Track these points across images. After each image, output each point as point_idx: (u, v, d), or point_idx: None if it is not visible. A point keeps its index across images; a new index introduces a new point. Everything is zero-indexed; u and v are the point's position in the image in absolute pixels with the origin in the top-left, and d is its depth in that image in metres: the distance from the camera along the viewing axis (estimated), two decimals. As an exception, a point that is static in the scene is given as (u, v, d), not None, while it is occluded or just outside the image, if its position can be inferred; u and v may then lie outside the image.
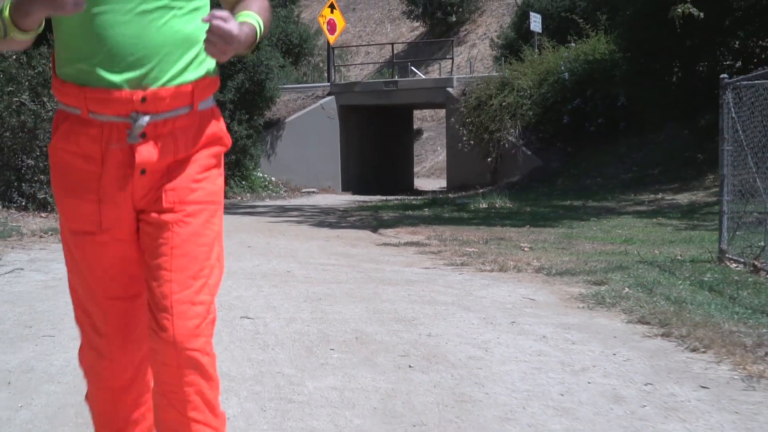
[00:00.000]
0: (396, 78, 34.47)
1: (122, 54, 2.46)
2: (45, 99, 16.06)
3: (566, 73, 26.57)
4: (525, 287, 8.44)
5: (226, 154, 23.57)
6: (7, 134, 15.97)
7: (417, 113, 49.19)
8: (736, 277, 8.48)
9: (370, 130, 33.24)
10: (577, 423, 4.19)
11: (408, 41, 62.06)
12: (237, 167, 26.34)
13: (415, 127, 50.64)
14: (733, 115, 9.75)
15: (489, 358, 5.54)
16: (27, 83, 16.24)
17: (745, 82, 9.70)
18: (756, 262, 8.90)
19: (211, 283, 2.62)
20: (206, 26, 2.52)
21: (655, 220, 15.82)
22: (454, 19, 59.31)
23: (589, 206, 18.89)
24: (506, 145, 26.87)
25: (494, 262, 10.11)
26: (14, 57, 16.59)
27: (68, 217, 2.67)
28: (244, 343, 5.86)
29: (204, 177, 2.66)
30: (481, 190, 25.32)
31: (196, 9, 2.60)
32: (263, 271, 9.50)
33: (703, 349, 5.70)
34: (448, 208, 20.23)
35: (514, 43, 36.05)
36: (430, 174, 49.68)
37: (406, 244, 12.63)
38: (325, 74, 37.95)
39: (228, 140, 2.78)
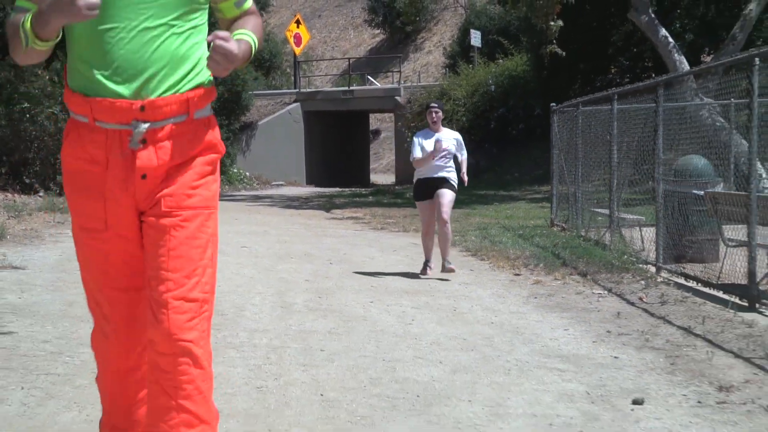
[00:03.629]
0: (353, 87, 39.52)
1: (124, 67, 2.72)
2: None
3: (493, 86, 31.74)
4: (414, 238, 13.58)
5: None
6: (46, 138, 20.90)
7: (378, 115, 54.29)
8: (545, 232, 13.69)
9: (331, 132, 38.33)
10: (409, 284, 9.33)
11: (369, 46, 66.98)
12: (217, 163, 31.48)
13: (374, 128, 56.08)
14: (557, 130, 14.99)
15: (374, 261, 10.70)
16: (60, 97, 21.19)
17: (565, 108, 14.94)
18: (561, 224, 14.14)
19: (204, 281, 2.86)
20: (202, 42, 2.89)
21: (540, 204, 20.97)
22: (411, 28, 64.24)
23: (499, 195, 24.04)
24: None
25: (402, 226, 15.33)
26: (47, 77, 21.49)
27: (78, 214, 2.92)
28: (244, 258, 10.90)
29: (200, 184, 2.88)
30: (421, 183, 30.58)
31: (193, 27, 2.85)
32: (249, 230, 14.57)
33: (488, 259, 10.86)
34: (388, 196, 25.49)
35: (458, 56, 41.18)
36: (386, 170, 54.74)
37: (348, 218, 17.87)
38: (293, 79, 42.89)
39: (222, 147, 3.00)
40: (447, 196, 9.52)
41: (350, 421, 4.28)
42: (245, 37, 2.84)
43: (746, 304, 7.49)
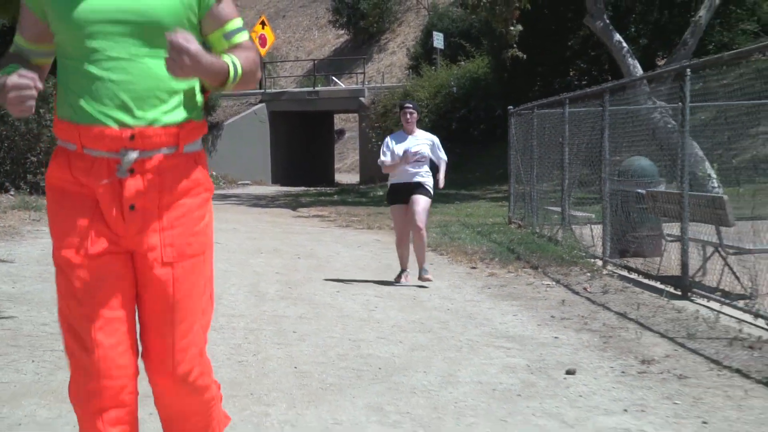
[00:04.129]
0: (318, 88, 40.16)
1: (110, 96, 2.69)
2: (42, 111, 21.46)
3: (455, 88, 32.50)
4: (377, 235, 14.29)
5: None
6: (17, 138, 21.36)
7: (342, 115, 54.94)
8: (502, 229, 14.43)
9: (296, 132, 38.95)
10: (372, 275, 10.00)
11: (333, 47, 67.57)
12: (184, 163, 32.00)
13: (339, 128, 56.67)
14: (514, 131, 15.74)
15: (340, 255, 11.36)
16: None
17: (521, 111, 15.69)
18: (518, 222, 14.89)
19: (204, 322, 2.92)
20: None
21: (500, 203, 21.72)
22: (375, 28, 64.89)
23: (461, 194, 24.76)
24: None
25: (366, 224, 16.02)
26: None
27: (63, 234, 2.79)
28: (217, 253, 11.51)
29: (199, 230, 2.88)
30: (385, 183, 31.31)
31: None
32: (219, 228, 15.05)
33: (447, 254, 11.56)
34: (352, 195, 26.18)
35: (421, 57, 41.94)
36: (350, 169, 55.38)
37: (314, 216, 18.53)
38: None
39: (211, 184, 2.99)
40: (421, 202, 9.10)
41: (321, 387, 4.95)
42: (225, 58, 2.75)
43: (679, 293, 8.24)
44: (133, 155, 2.70)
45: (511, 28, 21.76)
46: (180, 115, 2.79)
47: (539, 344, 6.20)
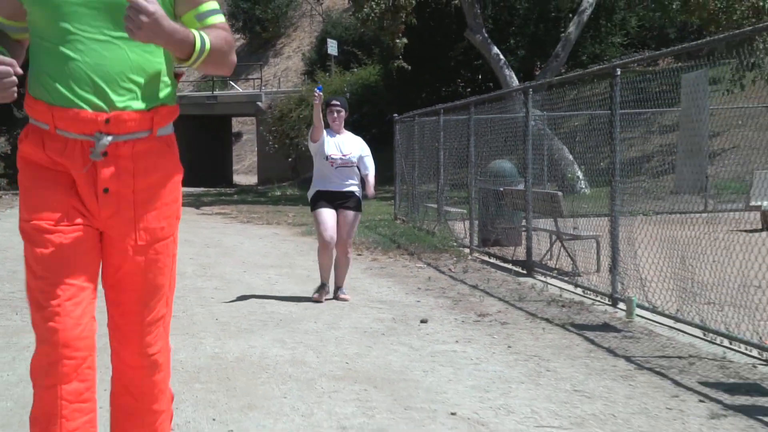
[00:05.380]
0: (216, 92, 41.55)
1: (84, 78, 2.68)
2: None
3: (348, 93, 34.32)
4: (276, 229, 15.98)
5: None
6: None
7: (239, 118, 56.28)
8: (388, 224, 16.27)
9: (196, 135, 40.26)
10: (273, 260, 11.70)
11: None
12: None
13: (236, 130, 57.94)
14: (398, 137, 17.62)
15: (243, 245, 13.04)
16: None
17: (404, 118, 17.56)
18: (402, 218, 16.75)
19: (168, 298, 2.99)
20: (166, 56, 2.84)
21: (389, 202, 23.57)
22: (271, 33, 66.26)
23: (353, 194, 26.62)
24: (303, 149, 34.49)
25: (266, 220, 17.72)
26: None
27: (34, 207, 2.77)
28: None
29: (170, 213, 2.93)
30: (283, 183, 32.99)
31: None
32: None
33: (337, 244, 13.30)
34: (251, 195, 27.90)
35: (316, 63, 43.67)
36: (248, 171, 56.80)
37: (216, 213, 20.20)
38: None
39: (181, 168, 3.03)
40: (350, 217, 8.41)
41: (237, 330, 6.69)
42: (192, 29, 2.75)
43: (525, 272, 10.16)
44: (108, 139, 2.72)
45: (397, 40, 23.69)
46: (154, 99, 2.82)
47: (404, 305, 8.00)
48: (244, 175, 53.92)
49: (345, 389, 5.00)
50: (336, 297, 8.36)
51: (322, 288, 8.26)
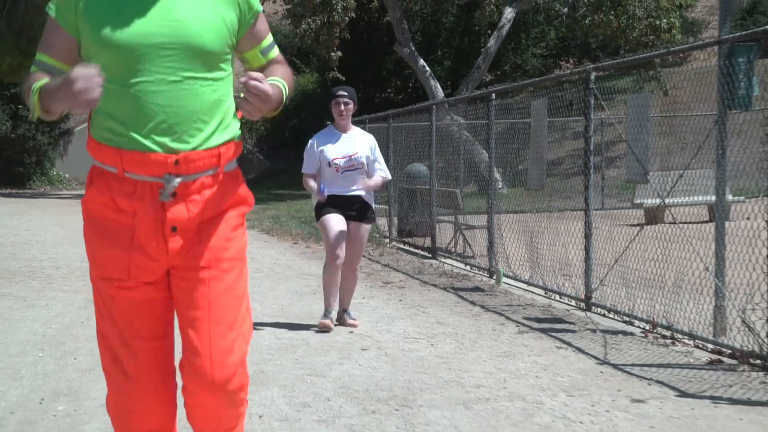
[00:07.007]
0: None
1: (156, 120, 2.65)
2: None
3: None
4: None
5: (29, 155, 31.78)
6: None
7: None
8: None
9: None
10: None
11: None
12: (38, 166, 34.87)
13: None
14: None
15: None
16: None
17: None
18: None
19: (245, 331, 2.85)
20: (230, 93, 2.83)
21: (324, 200, 25.82)
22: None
23: (293, 194, 28.60)
24: (245, 152, 36.58)
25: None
26: None
27: (99, 265, 2.79)
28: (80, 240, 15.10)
29: (234, 236, 2.87)
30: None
31: (220, 78, 2.77)
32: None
33: (277, 236, 15.51)
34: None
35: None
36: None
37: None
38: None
39: (251, 200, 2.98)
40: (364, 234, 7.37)
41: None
42: (275, 82, 2.77)
43: (430, 256, 12.48)
44: (177, 180, 2.70)
45: (332, 54, 25.90)
46: (221, 137, 2.79)
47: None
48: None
49: (285, 326, 7.26)
50: (342, 322, 7.29)
51: (326, 315, 7.13)
